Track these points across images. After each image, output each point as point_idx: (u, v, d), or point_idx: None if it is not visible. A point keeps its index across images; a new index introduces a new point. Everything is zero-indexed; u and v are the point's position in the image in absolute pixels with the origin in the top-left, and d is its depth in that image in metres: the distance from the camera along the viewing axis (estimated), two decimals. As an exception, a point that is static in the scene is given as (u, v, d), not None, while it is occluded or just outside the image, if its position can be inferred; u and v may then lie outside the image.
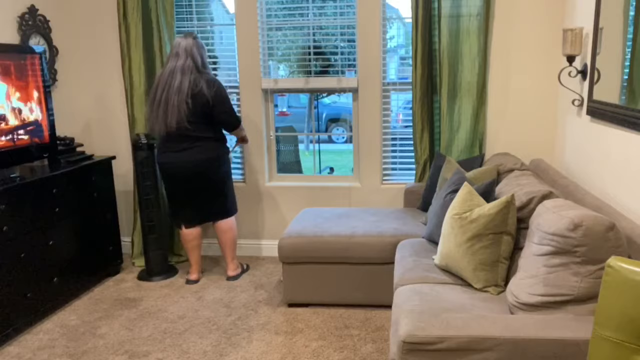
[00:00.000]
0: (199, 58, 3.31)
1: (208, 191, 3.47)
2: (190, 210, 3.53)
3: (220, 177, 3.48)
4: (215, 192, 3.49)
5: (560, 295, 1.89)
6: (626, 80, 2.33)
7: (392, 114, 3.90)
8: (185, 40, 3.32)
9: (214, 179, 3.45)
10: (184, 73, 3.26)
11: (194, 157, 3.36)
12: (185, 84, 3.25)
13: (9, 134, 3.08)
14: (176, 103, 3.24)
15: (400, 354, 1.81)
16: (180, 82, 3.25)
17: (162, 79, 3.32)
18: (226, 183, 3.54)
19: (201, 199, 3.49)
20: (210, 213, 3.55)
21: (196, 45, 3.32)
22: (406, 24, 3.95)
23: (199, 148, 3.36)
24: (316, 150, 4.05)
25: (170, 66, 3.31)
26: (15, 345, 2.89)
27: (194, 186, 3.44)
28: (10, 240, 2.89)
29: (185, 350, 2.79)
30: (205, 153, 3.37)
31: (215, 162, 3.42)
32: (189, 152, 3.36)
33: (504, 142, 3.71)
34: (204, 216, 3.56)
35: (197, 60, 3.30)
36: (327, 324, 3.03)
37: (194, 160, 3.36)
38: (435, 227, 2.86)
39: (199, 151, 3.36)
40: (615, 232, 1.85)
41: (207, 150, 3.38)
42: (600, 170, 2.67)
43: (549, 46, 3.53)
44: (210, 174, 3.43)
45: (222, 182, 3.50)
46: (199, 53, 3.31)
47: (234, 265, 3.70)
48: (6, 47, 3.06)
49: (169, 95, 3.26)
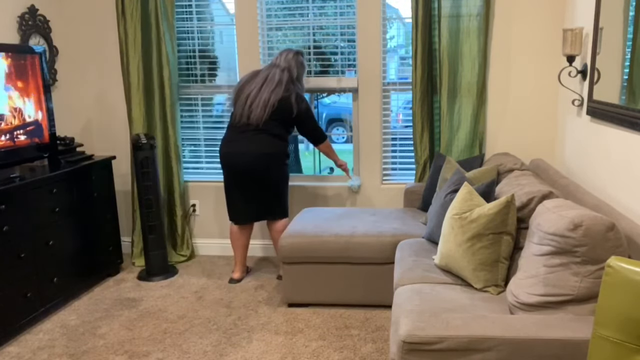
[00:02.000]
0: (295, 71, 3.42)
1: (267, 186, 3.44)
2: (246, 204, 3.50)
3: (280, 175, 3.46)
4: (273, 189, 3.47)
5: (560, 295, 1.89)
6: (626, 80, 2.33)
7: (392, 114, 3.90)
8: (288, 53, 3.45)
9: (274, 176, 3.43)
10: (281, 79, 3.37)
11: (258, 148, 3.37)
12: (282, 86, 3.36)
13: (9, 134, 3.08)
14: (266, 100, 3.33)
15: (400, 354, 1.81)
16: (278, 81, 3.37)
17: (259, 75, 3.41)
18: (286, 182, 3.53)
19: (260, 193, 3.46)
20: (267, 211, 3.52)
21: (296, 61, 3.44)
22: (406, 24, 3.95)
23: (264, 141, 3.37)
24: (316, 150, 4.05)
25: (269, 69, 3.42)
26: (15, 345, 2.89)
27: (255, 179, 3.41)
28: (10, 240, 2.89)
29: (185, 350, 2.79)
30: (270, 147, 3.38)
31: (277, 159, 3.42)
32: (255, 142, 3.37)
33: (504, 142, 3.71)
34: (260, 213, 3.53)
35: (292, 72, 3.41)
36: (327, 324, 3.03)
37: (257, 152, 3.36)
38: (435, 227, 2.86)
39: (263, 144, 3.37)
40: (615, 232, 1.85)
41: (272, 146, 3.39)
42: (600, 170, 2.67)
43: (549, 46, 3.53)
44: (271, 169, 3.41)
45: (282, 180, 3.49)
46: (296, 67, 3.43)
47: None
48: (6, 47, 3.06)
49: (261, 90, 3.35)
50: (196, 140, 4.17)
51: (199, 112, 4.12)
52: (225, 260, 4.11)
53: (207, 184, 4.14)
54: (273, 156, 3.39)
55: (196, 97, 4.09)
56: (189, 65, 4.04)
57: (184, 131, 4.14)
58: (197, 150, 4.20)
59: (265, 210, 3.52)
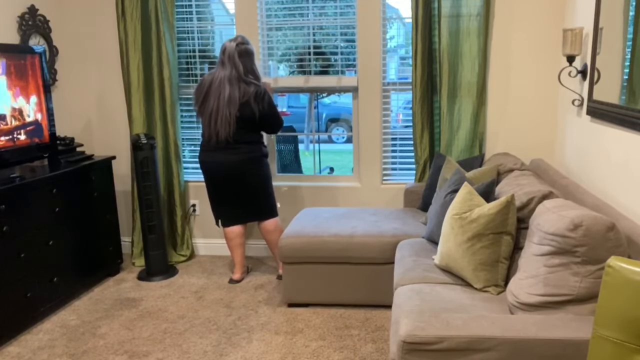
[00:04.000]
0: (241, 67, 3.34)
1: (249, 191, 3.47)
2: (230, 209, 3.53)
3: (261, 177, 3.48)
4: (256, 192, 3.49)
5: (560, 295, 1.89)
6: (626, 80, 2.33)
7: (392, 114, 3.90)
8: (229, 45, 3.36)
9: (255, 179, 3.45)
10: (231, 84, 3.32)
11: (235, 157, 3.38)
12: (235, 95, 3.30)
13: (9, 134, 3.08)
14: (227, 115, 3.31)
15: (400, 354, 1.81)
16: (229, 93, 3.31)
17: (212, 87, 3.35)
18: (267, 183, 3.53)
19: (242, 198, 3.49)
20: (253, 213, 3.54)
21: (238, 53, 3.34)
22: (406, 24, 3.95)
23: (239, 150, 3.39)
24: (316, 150, 4.05)
25: (219, 75, 3.35)
26: (15, 345, 2.89)
27: (234, 185, 3.44)
28: (10, 240, 2.89)
29: (185, 350, 2.79)
30: (246, 154, 3.40)
31: (256, 163, 3.43)
32: (230, 153, 3.39)
33: (504, 142, 3.71)
34: (246, 216, 3.55)
35: (239, 69, 3.33)
36: (327, 324, 3.03)
37: (234, 160, 3.38)
38: (435, 227, 2.86)
39: (240, 152, 3.39)
40: (615, 232, 1.85)
41: (248, 152, 3.40)
42: (600, 170, 2.67)
43: (549, 46, 3.53)
44: (251, 174, 3.43)
45: (263, 182, 3.50)
46: (241, 62, 3.34)
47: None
48: (6, 47, 3.06)
49: (219, 106, 3.32)
50: (196, 140, 4.17)
51: (199, 112, 4.11)
52: (225, 260, 4.12)
53: (207, 184, 4.14)
54: (250, 161, 3.41)
55: (196, 97, 4.09)
56: (189, 65, 4.04)
57: (184, 131, 4.14)
58: (197, 150, 4.20)
59: (252, 211, 3.54)
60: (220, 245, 4.21)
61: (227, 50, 3.36)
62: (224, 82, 3.33)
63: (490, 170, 3.01)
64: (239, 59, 3.34)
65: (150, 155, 3.63)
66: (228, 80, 3.32)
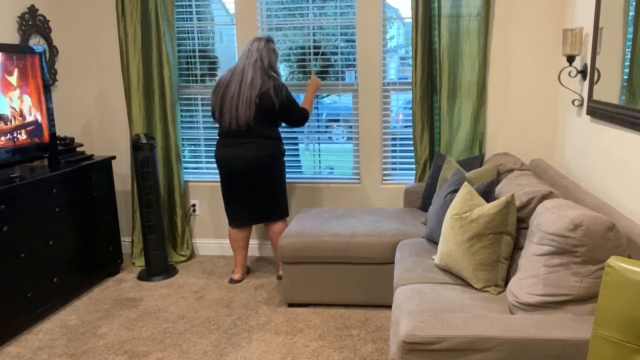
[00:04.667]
0: (267, 60, 3.37)
1: (264, 189, 3.45)
2: (243, 208, 3.50)
3: (277, 175, 3.47)
4: (271, 191, 3.47)
5: (560, 295, 1.89)
6: (626, 80, 2.33)
7: (392, 114, 3.90)
8: (259, 42, 3.40)
9: (271, 177, 3.44)
10: (255, 70, 3.34)
11: (253, 152, 3.37)
12: (257, 81, 3.32)
13: (9, 134, 3.08)
14: (248, 97, 3.31)
15: (400, 354, 1.81)
16: (252, 77, 3.33)
17: (235, 73, 3.37)
18: (282, 183, 3.52)
19: (258, 196, 3.46)
20: (267, 213, 3.52)
21: (267, 48, 3.39)
22: (406, 24, 3.95)
23: (258, 144, 3.37)
24: (316, 150, 4.05)
25: (242, 63, 3.38)
26: (15, 345, 2.89)
27: (251, 182, 3.42)
28: (10, 240, 2.89)
29: (185, 350, 2.79)
30: (263, 150, 3.38)
31: (273, 160, 3.42)
32: (247, 147, 3.37)
33: (504, 142, 3.71)
34: (258, 216, 3.53)
35: (264, 61, 3.36)
36: (327, 324, 3.03)
37: (252, 156, 3.37)
38: (435, 227, 2.86)
39: (257, 147, 3.37)
40: (615, 232, 1.85)
41: (266, 148, 3.39)
42: (600, 170, 2.67)
43: (549, 46, 3.52)
44: (267, 171, 3.41)
45: (278, 181, 3.49)
46: (267, 55, 3.38)
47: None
48: (6, 47, 3.06)
49: (240, 89, 3.33)
50: (196, 140, 4.17)
51: (199, 112, 4.12)
52: (225, 260, 4.12)
53: (207, 184, 4.14)
54: (268, 158, 3.40)
55: (196, 97, 4.09)
56: (189, 65, 4.04)
57: (184, 131, 4.14)
58: (197, 150, 4.20)
59: (264, 212, 3.52)
60: (220, 245, 4.21)
61: (255, 42, 3.40)
62: (247, 67, 3.35)
63: (490, 170, 3.01)
64: (267, 54, 3.39)
65: (150, 155, 3.63)
66: (252, 67, 3.34)
